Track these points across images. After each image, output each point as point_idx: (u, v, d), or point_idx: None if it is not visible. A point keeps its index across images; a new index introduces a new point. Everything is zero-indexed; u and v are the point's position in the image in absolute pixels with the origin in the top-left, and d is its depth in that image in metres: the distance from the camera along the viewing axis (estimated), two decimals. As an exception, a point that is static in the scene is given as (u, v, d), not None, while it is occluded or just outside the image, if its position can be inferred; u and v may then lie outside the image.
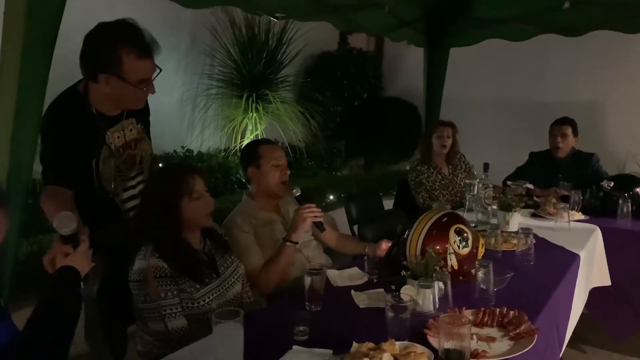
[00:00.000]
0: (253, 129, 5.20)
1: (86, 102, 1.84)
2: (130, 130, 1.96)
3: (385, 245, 2.22)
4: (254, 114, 5.19)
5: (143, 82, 1.83)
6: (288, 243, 2.07)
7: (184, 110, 5.25)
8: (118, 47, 1.73)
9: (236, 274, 1.90)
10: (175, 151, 4.79)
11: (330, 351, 1.41)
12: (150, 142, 2.07)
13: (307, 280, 1.73)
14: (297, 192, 2.18)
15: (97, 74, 1.77)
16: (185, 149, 4.92)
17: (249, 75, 5.30)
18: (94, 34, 1.77)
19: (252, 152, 2.25)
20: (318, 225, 2.17)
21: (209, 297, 1.74)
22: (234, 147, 5.11)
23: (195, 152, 5.05)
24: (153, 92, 1.88)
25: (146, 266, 1.65)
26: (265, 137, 4.93)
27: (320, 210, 2.15)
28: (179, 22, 5.09)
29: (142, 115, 2.03)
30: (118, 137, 1.92)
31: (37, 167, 1.90)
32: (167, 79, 5.10)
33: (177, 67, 5.18)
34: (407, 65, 6.41)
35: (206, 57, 5.37)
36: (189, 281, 1.71)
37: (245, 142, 4.80)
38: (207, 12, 5.03)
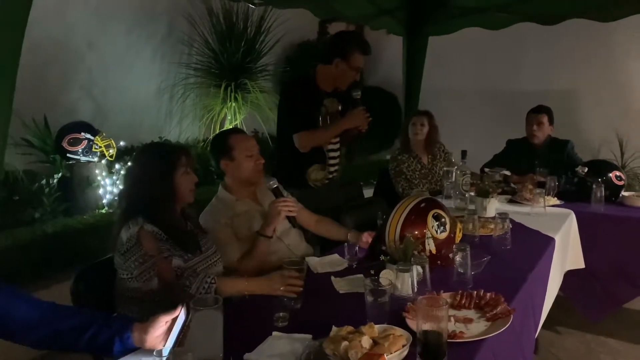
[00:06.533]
0: (232, 118, 5.16)
1: (314, 80, 2.82)
2: (332, 105, 2.86)
3: (366, 237, 2.21)
4: (233, 104, 5.14)
5: (356, 69, 2.77)
6: (262, 237, 2.07)
7: (161, 100, 5.18)
8: (352, 44, 2.75)
9: (217, 255, 1.94)
10: (152, 142, 4.73)
11: (309, 336, 1.42)
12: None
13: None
14: (273, 183, 2.17)
15: (333, 58, 2.73)
16: (164, 139, 4.85)
17: (227, 64, 5.24)
18: (339, 35, 2.99)
19: (223, 144, 2.20)
20: (290, 220, 2.18)
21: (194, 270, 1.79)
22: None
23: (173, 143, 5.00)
24: (358, 78, 2.84)
25: (138, 230, 1.70)
26: (245, 127, 4.90)
27: (294, 204, 2.16)
28: (155, 10, 5.00)
29: (343, 98, 2.88)
30: (328, 105, 2.85)
31: (9, 159, 1.87)
32: (144, 69, 5.03)
33: (154, 56, 5.10)
34: (387, 54, 6.41)
35: (184, 46, 5.29)
36: (179, 250, 1.76)
37: (225, 132, 4.76)
38: (184, 0, 4.97)
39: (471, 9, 4.23)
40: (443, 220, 2.01)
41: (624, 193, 3.13)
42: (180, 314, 1.35)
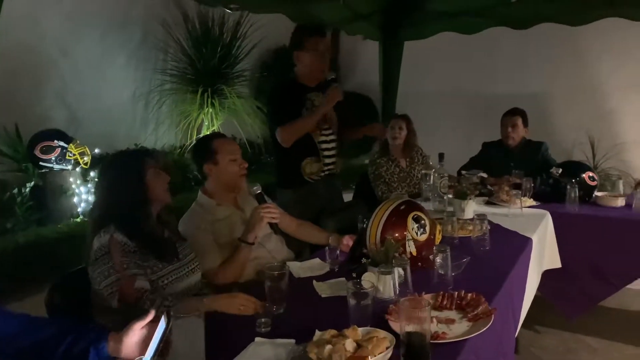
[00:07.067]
0: (209, 124, 5.12)
1: (295, 80, 2.91)
2: (317, 98, 2.88)
3: (347, 241, 2.22)
4: (210, 109, 5.11)
5: (317, 50, 2.80)
6: (243, 244, 2.05)
7: (136, 107, 5.12)
8: (303, 32, 2.83)
9: (195, 262, 1.89)
10: (128, 149, 4.66)
11: (293, 341, 1.41)
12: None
13: (267, 283, 1.65)
14: (257, 189, 2.16)
15: (293, 54, 2.84)
16: (139, 146, 4.78)
17: (203, 70, 5.21)
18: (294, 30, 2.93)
19: (207, 148, 2.19)
20: (272, 227, 2.17)
21: (167, 279, 1.75)
22: (190, 144, 5.02)
23: (150, 150, 4.93)
24: (329, 59, 2.90)
25: (109, 239, 1.65)
26: (222, 132, 4.86)
27: (277, 211, 2.15)
28: (129, 16, 4.95)
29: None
30: (313, 99, 2.88)
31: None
32: (118, 75, 4.97)
33: (128, 63, 5.04)
34: (363, 59, 6.46)
35: (159, 52, 5.25)
36: (151, 260, 1.72)
37: (202, 138, 4.73)
38: (158, 5, 4.92)
39: (446, 14, 4.29)
40: (423, 222, 2.02)
41: (597, 193, 3.20)
42: (160, 322, 1.32)
